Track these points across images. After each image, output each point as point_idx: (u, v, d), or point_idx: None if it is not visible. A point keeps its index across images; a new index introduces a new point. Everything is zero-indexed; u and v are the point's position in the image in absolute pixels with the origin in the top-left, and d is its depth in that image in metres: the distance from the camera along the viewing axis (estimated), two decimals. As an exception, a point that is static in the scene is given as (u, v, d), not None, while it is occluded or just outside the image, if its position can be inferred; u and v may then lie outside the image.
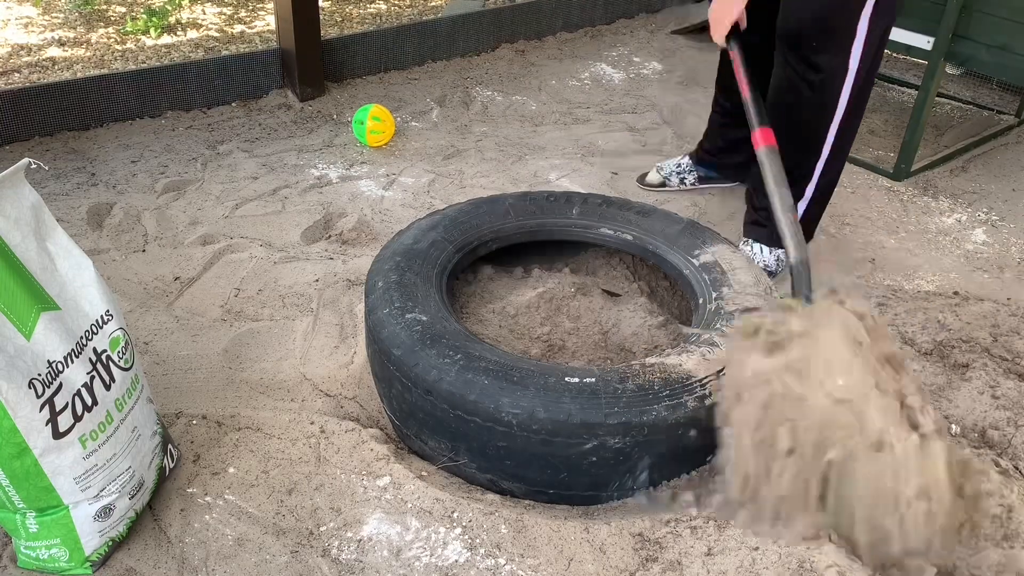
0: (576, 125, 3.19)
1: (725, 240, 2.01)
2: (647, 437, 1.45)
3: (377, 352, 1.67)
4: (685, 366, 1.54)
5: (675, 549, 1.39)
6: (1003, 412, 1.69)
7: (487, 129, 3.11)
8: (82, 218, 2.39)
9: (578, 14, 4.14)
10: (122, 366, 1.38)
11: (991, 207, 2.73)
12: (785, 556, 1.31)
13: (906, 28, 2.73)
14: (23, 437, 1.22)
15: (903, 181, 2.86)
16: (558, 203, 2.12)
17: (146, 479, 1.45)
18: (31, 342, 1.23)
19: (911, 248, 2.47)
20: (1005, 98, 3.55)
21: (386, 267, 1.79)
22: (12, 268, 1.24)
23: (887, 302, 2.10)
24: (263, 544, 1.44)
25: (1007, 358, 1.86)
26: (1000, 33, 2.56)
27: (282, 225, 2.43)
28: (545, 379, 1.48)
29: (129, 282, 2.14)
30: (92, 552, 1.37)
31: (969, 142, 3.12)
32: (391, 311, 1.68)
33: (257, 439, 1.66)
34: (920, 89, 2.78)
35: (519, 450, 1.47)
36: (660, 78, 3.66)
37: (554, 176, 2.78)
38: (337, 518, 1.50)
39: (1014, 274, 2.36)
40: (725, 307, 1.74)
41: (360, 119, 2.91)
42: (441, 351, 1.56)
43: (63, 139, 2.82)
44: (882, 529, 1.28)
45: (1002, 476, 1.51)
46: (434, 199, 2.60)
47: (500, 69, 3.65)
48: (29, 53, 3.51)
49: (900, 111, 3.42)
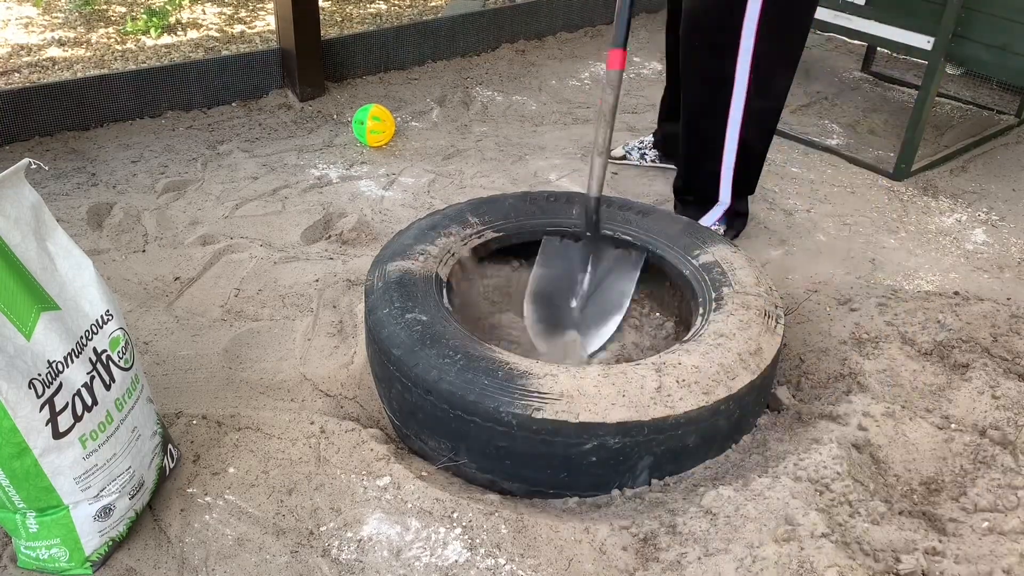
0: (576, 125, 3.19)
1: (725, 240, 2.01)
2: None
3: (377, 352, 1.67)
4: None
5: (675, 549, 1.39)
6: (1003, 412, 1.69)
7: (487, 129, 3.11)
8: (82, 218, 2.39)
9: (578, 14, 4.14)
10: (122, 366, 1.38)
11: (991, 207, 2.73)
12: (784, 556, 1.31)
13: (906, 28, 2.73)
14: (23, 437, 1.22)
15: (903, 181, 2.86)
16: (558, 203, 2.12)
17: (146, 479, 1.45)
18: (31, 342, 1.23)
19: (911, 248, 2.47)
20: (1005, 98, 3.55)
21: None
22: (12, 268, 1.24)
23: (887, 302, 2.10)
24: (263, 544, 1.44)
25: (1007, 358, 1.86)
26: (1000, 33, 2.56)
27: (282, 225, 2.43)
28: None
29: (129, 282, 2.14)
30: (92, 552, 1.37)
31: (969, 142, 3.12)
32: (391, 311, 1.68)
33: (257, 439, 1.66)
34: (920, 89, 2.78)
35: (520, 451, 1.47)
36: (660, 78, 3.66)
37: (554, 176, 2.78)
38: (337, 518, 1.50)
39: (1014, 274, 2.36)
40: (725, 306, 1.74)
41: (360, 119, 2.91)
42: (441, 351, 1.56)
43: (63, 139, 2.82)
44: None
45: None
46: (434, 199, 2.60)
47: (500, 69, 3.65)
48: (29, 53, 3.51)
49: (900, 111, 3.42)
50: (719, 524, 1.41)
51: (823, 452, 1.52)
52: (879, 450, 1.61)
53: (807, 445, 1.57)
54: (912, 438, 1.64)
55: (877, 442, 1.62)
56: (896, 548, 1.36)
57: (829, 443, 1.55)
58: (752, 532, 1.37)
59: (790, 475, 1.47)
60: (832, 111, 3.40)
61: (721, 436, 1.60)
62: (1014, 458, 1.58)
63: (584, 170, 2.82)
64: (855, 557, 1.32)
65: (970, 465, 1.60)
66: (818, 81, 3.69)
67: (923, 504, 1.53)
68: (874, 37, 2.86)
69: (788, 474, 1.48)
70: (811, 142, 3.08)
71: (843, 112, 3.40)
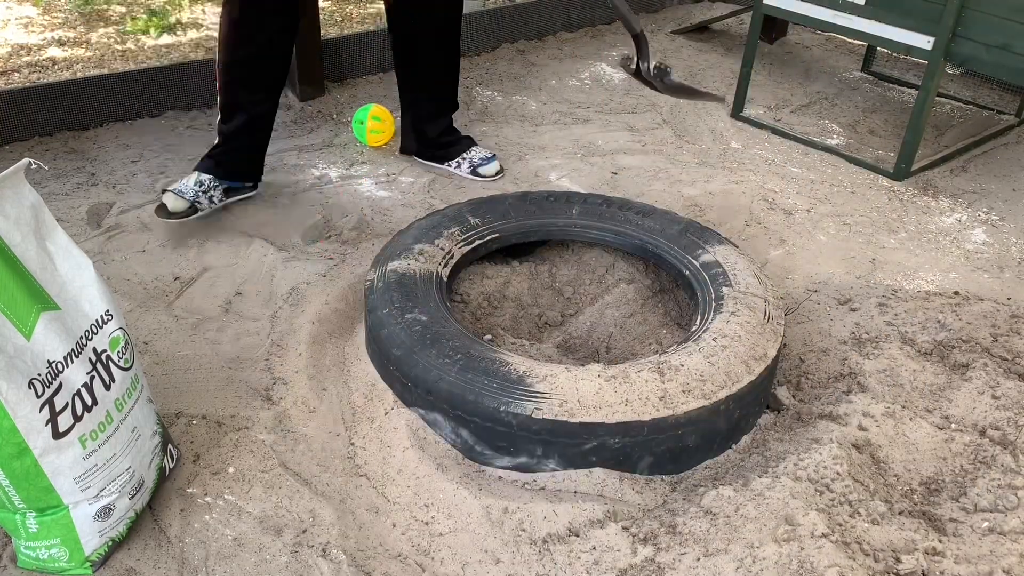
0: (576, 125, 3.19)
1: (726, 240, 2.01)
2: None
3: (377, 352, 1.67)
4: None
5: (674, 550, 1.39)
6: (1003, 412, 1.69)
7: (487, 129, 3.11)
8: (82, 218, 2.39)
9: (578, 14, 4.14)
10: (122, 366, 1.38)
11: (991, 207, 2.73)
12: (784, 556, 1.31)
13: (906, 28, 2.73)
14: (23, 437, 1.22)
15: (903, 181, 2.86)
16: (558, 203, 2.12)
17: (146, 479, 1.45)
18: (31, 342, 1.23)
19: (911, 248, 2.47)
20: (1005, 98, 3.55)
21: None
22: (12, 268, 1.24)
23: (887, 302, 2.10)
24: (263, 544, 1.44)
25: (1007, 358, 1.86)
26: (1000, 33, 2.56)
27: (282, 225, 2.43)
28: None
29: (129, 282, 2.14)
30: (92, 552, 1.37)
31: (969, 142, 3.12)
32: (391, 311, 1.68)
33: (257, 439, 1.66)
34: (920, 89, 2.78)
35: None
36: (660, 78, 3.65)
37: (554, 176, 2.78)
38: (338, 519, 1.50)
39: (1014, 274, 2.36)
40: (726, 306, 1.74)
41: (360, 119, 2.91)
42: (441, 351, 1.56)
43: (63, 139, 2.81)
44: None
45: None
46: (434, 199, 2.60)
47: (500, 69, 3.65)
48: (29, 53, 3.51)
49: (900, 111, 3.42)
50: (719, 524, 1.41)
51: (823, 452, 1.52)
52: (879, 450, 1.61)
53: (807, 445, 1.57)
54: (912, 438, 1.64)
55: (877, 442, 1.62)
56: (896, 548, 1.36)
57: (829, 443, 1.55)
58: (752, 532, 1.37)
59: (790, 475, 1.47)
60: (832, 111, 3.40)
61: (721, 436, 1.60)
62: (1014, 458, 1.58)
63: (584, 170, 2.82)
64: (855, 557, 1.32)
65: (970, 465, 1.60)
66: (818, 81, 3.69)
67: (923, 504, 1.53)
68: (874, 37, 2.86)
69: (788, 474, 1.48)
70: (811, 142, 3.08)
71: (843, 112, 3.40)
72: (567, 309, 2.08)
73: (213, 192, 2.38)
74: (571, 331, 1.98)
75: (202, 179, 2.37)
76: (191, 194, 2.34)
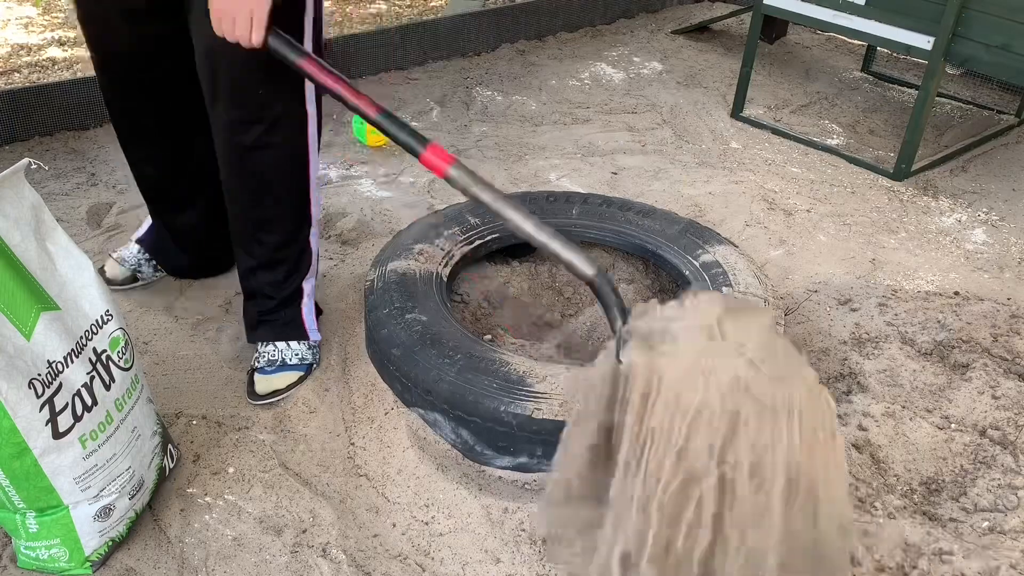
0: (576, 125, 3.19)
1: (726, 240, 2.01)
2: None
3: (377, 352, 1.67)
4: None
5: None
6: (1003, 412, 1.69)
7: (487, 129, 3.11)
8: (82, 218, 2.39)
9: (578, 14, 4.14)
10: (122, 366, 1.38)
11: (991, 207, 2.73)
12: (785, 556, 1.31)
13: (906, 28, 2.73)
14: (23, 437, 1.22)
15: (903, 181, 2.86)
16: (558, 203, 2.12)
17: (146, 479, 1.45)
18: (31, 342, 1.23)
19: (911, 248, 2.47)
20: (1005, 98, 3.55)
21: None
22: (12, 268, 1.24)
23: (887, 302, 2.10)
24: (263, 544, 1.44)
25: (1007, 358, 1.86)
26: (1000, 33, 2.56)
27: (282, 225, 2.42)
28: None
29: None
30: (92, 552, 1.37)
31: (969, 142, 3.12)
32: (391, 311, 1.68)
33: (257, 439, 1.66)
34: (920, 89, 2.78)
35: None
36: (660, 78, 3.66)
37: (554, 176, 2.78)
38: (337, 519, 1.50)
39: (1014, 274, 2.36)
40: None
41: (360, 119, 2.91)
42: (441, 351, 1.56)
43: (63, 139, 2.81)
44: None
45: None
46: (434, 199, 2.60)
47: (500, 69, 3.65)
48: (29, 53, 3.51)
49: (900, 111, 3.42)
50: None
51: (823, 452, 1.52)
52: (879, 450, 1.62)
53: (807, 445, 1.56)
54: (912, 438, 1.64)
55: (877, 442, 1.63)
56: (896, 548, 1.36)
57: (829, 443, 1.54)
58: (752, 532, 1.37)
59: (790, 475, 1.47)
60: (832, 111, 3.40)
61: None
62: (1014, 458, 1.59)
63: (584, 170, 2.82)
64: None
65: (970, 465, 1.60)
66: (818, 81, 3.69)
67: (923, 504, 1.53)
68: (874, 37, 2.86)
69: (788, 474, 1.48)
70: (811, 142, 3.08)
71: (843, 112, 3.40)
72: (567, 309, 2.08)
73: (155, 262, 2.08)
74: (571, 331, 1.98)
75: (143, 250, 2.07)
76: (132, 262, 2.06)
